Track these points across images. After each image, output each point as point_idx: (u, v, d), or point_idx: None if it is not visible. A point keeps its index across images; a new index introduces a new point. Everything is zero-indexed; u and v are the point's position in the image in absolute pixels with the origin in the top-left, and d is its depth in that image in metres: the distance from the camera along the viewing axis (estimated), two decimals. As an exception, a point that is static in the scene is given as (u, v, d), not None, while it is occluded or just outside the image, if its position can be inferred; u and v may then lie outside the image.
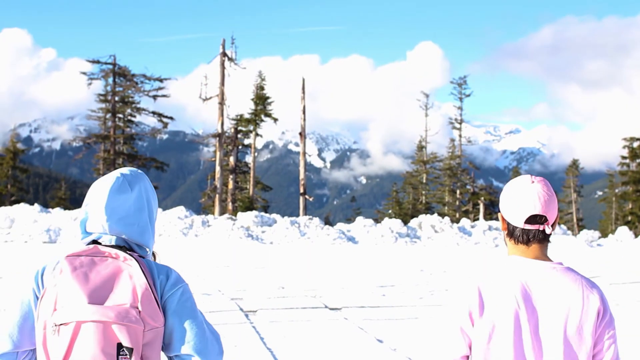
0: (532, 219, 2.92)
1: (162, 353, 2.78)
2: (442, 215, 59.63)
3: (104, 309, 2.53)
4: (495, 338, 2.83)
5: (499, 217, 3.12)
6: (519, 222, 2.95)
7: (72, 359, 2.51)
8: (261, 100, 65.53)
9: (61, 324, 2.53)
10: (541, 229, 2.93)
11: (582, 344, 2.84)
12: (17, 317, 2.69)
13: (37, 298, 2.70)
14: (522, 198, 2.94)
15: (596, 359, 2.89)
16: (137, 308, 2.58)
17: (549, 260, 2.98)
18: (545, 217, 2.92)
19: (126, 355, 2.52)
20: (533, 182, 2.96)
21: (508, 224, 3.04)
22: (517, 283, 2.88)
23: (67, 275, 2.60)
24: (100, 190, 2.83)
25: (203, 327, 2.79)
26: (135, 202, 2.86)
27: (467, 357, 2.90)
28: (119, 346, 2.52)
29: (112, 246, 2.73)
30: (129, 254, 2.69)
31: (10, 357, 2.65)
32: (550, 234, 2.93)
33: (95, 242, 2.78)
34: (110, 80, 61.09)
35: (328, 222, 73.33)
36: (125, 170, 2.96)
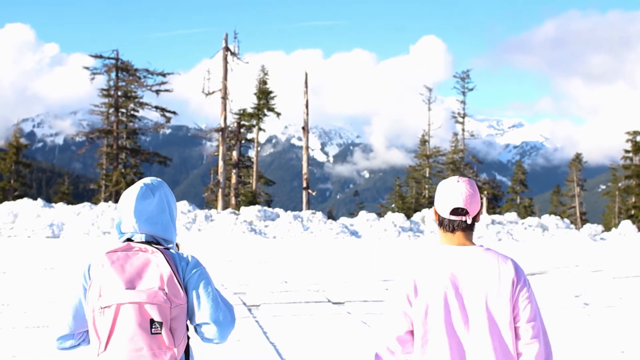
0: (456, 211, 3.54)
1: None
2: (445, 209, 59.50)
3: (138, 292, 3.24)
4: (430, 316, 3.43)
5: (433, 211, 3.69)
6: (445, 214, 3.58)
7: (115, 334, 3.24)
8: (264, 94, 65.52)
9: (105, 307, 3.25)
10: (463, 219, 3.54)
11: (503, 310, 3.40)
12: (71, 307, 3.41)
13: (86, 289, 3.39)
14: (448, 194, 3.58)
15: (516, 320, 3.44)
16: (164, 290, 3.28)
17: (472, 244, 3.58)
18: (467, 210, 3.53)
19: (157, 328, 3.24)
20: (458, 181, 3.60)
21: (438, 215, 3.65)
22: (445, 268, 3.48)
23: (107, 267, 3.30)
24: (128, 198, 3.52)
25: (217, 300, 3.47)
26: (157, 205, 3.55)
27: (411, 331, 3.47)
28: (152, 321, 3.24)
29: (142, 242, 3.45)
30: (156, 247, 3.41)
31: (68, 337, 3.47)
32: (473, 224, 3.57)
33: (129, 239, 3.49)
34: (113, 75, 61.13)
35: (331, 216, 73.31)
36: (148, 180, 3.61)
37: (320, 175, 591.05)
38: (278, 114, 65.52)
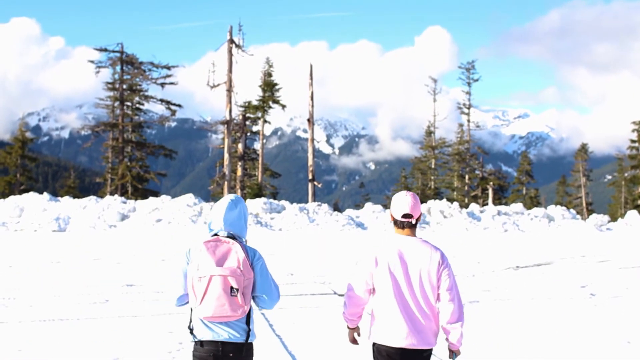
0: (405, 215, 5.30)
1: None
2: (451, 200, 59.53)
3: (223, 268, 4.92)
4: (385, 283, 5.24)
5: (389, 214, 5.42)
6: (398, 217, 5.34)
7: (207, 294, 4.90)
8: (269, 87, 65.47)
9: (201, 277, 4.92)
10: (409, 220, 5.32)
11: (431, 280, 5.20)
12: (181, 277, 5.12)
13: (188, 264, 5.07)
14: (400, 204, 5.35)
15: (439, 288, 5.22)
16: (240, 268, 4.95)
17: (414, 236, 5.36)
18: (412, 214, 5.30)
19: (235, 292, 4.90)
20: (406, 195, 5.37)
21: (393, 217, 5.38)
22: (396, 250, 5.28)
23: (203, 251, 4.98)
24: (220, 207, 5.24)
25: (270, 280, 5.18)
26: (237, 214, 5.25)
27: (370, 289, 5.32)
28: (231, 288, 4.90)
29: (226, 236, 5.12)
30: (234, 240, 5.09)
31: (184, 297, 5.14)
32: (416, 223, 5.35)
33: (216, 234, 5.16)
34: (118, 68, 61.14)
35: (337, 208, 73.12)
36: (233, 196, 5.33)
37: (325, 167, 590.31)
38: (283, 106, 65.45)
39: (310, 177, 54.83)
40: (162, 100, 62.10)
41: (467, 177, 76.01)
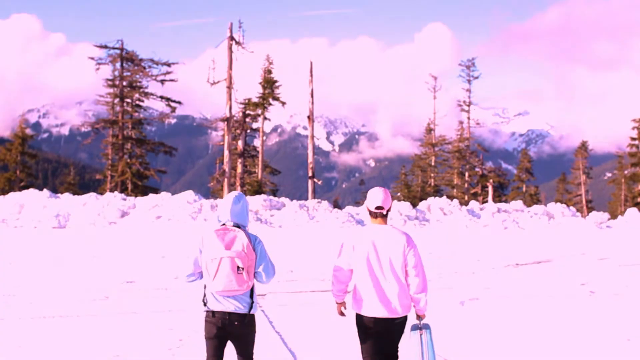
0: (377, 207, 6.35)
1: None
2: (450, 197, 59.54)
3: (231, 251, 5.99)
4: (361, 264, 6.28)
5: (365, 206, 6.47)
6: (372, 208, 6.38)
7: (219, 272, 5.97)
8: (269, 83, 65.48)
9: (213, 258, 6.00)
10: (381, 211, 6.35)
11: (399, 260, 6.24)
12: (193, 259, 6.22)
13: (200, 251, 6.17)
14: (373, 198, 6.40)
15: (406, 265, 6.28)
16: (244, 251, 6.02)
17: (385, 224, 6.41)
18: (383, 206, 6.34)
19: (241, 271, 5.97)
20: (379, 190, 6.44)
21: (368, 209, 6.40)
22: (370, 236, 6.31)
23: (215, 238, 6.06)
24: (226, 202, 6.34)
25: (268, 260, 6.25)
26: (241, 208, 6.38)
27: (351, 270, 6.38)
28: (238, 267, 5.97)
29: (232, 225, 6.22)
30: (239, 229, 6.19)
31: (191, 275, 6.26)
32: (387, 214, 6.40)
33: (224, 224, 6.26)
34: (118, 65, 61.16)
35: (337, 205, 73.20)
36: (236, 193, 6.47)
37: (325, 164, 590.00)
38: (283, 103, 65.48)
39: (310, 174, 54.86)
40: (162, 97, 62.14)
41: (467, 174, 76.04)
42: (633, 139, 73.81)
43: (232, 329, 6.25)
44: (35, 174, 77.89)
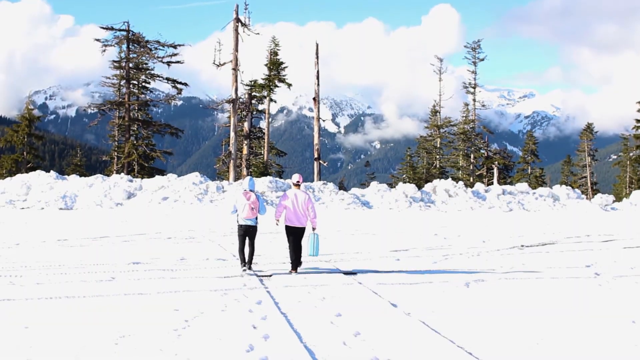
0: (296, 182, 15.15)
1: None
2: (456, 179, 59.59)
3: (249, 202, 14.44)
4: (289, 204, 14.71)
5: (291, 182, 16.95)
6: (294, 182, 15.16)
7: (243, 210, 14.41)
8: (275, 65, 65.35)
9: (242, 204, 14.47)
10: (297, 183, 15.10)
11: (305, 205, 14.74)
12: (232, 204, 15.74)
13: (236, 200, 14.60)
14: (294, 178, 15.26)
15: (308, 209, 14.72)
16: (254, 201, 14.52)
17: (299, 189, 15.04)
18: (299, 182, 15.12)
19: (254, 209, 14.42)
20: (296, 174, 15.35)
21: (292, 182, 15.23)
22: (293, 193, 14.87)
23: (241, 196, 14.59)
24: (246, 180, 14.91)
25: (263, 206, 14.90)
26: (253, 183, 15.08)
27: (284, 206, 14.79)
28: (251, 207, 14.42)
29: (250, 191, 14.73)
30: (252, 192, 14.74)
31: (233, 210, 14.82)
32: (299, 185, 15.09)
33: (245, 190, 14.80)
34: (124, 47, 61.05)
35: (342, 187, 73.22)
36: (249, 177, 15.10)
37: (331, 145, 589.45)
38: (289, 85, 65.35)
39: (315, 155, 54.87)
40: (168, 79, 62.07)
41: (472, 156, 75.93)
42: (638, 121, 73.50)
43: (248, 232, 14.48)
44: (42, 156, 77.88)
